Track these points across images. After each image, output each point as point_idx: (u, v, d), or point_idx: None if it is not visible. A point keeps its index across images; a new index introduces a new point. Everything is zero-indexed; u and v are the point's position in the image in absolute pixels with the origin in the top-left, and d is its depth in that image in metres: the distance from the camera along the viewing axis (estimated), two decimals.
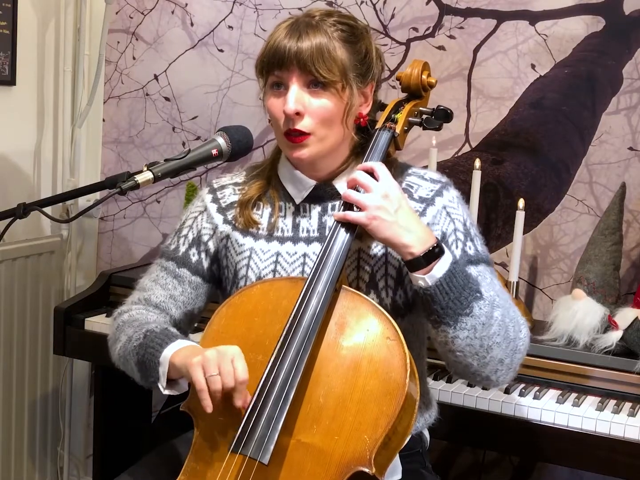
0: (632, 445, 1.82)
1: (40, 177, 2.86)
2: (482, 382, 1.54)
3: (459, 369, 1.52)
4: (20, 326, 2.73)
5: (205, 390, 1.34)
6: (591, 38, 2.28)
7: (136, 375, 1.56)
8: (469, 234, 1.59)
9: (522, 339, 1.52)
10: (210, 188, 1.69)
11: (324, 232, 1.58)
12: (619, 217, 2.12)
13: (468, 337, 1.44)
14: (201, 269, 1.66)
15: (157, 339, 1.50)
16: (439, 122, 1.61)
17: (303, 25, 1.51)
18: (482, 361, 1.47)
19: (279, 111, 1.52)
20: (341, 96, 1.51)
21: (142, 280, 1.71)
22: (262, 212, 1.63)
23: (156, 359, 1.48)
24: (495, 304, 1.47)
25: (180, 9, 2.78)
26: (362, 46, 1.55)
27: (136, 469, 1.66)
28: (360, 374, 1.37)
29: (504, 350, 1.48)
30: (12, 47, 2.65)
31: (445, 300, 1.42)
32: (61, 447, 2.97)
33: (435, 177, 1.63)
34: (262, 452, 1.33)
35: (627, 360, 1.96)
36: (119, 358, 1.60)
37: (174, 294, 1.65)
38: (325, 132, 1.52)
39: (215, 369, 1.34)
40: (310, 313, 1.40)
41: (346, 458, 1.33)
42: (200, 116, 2.78)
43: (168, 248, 1.69)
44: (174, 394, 1.51)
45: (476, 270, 1.53)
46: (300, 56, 1.48)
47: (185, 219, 1.69)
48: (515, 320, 1.50)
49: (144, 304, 1.65)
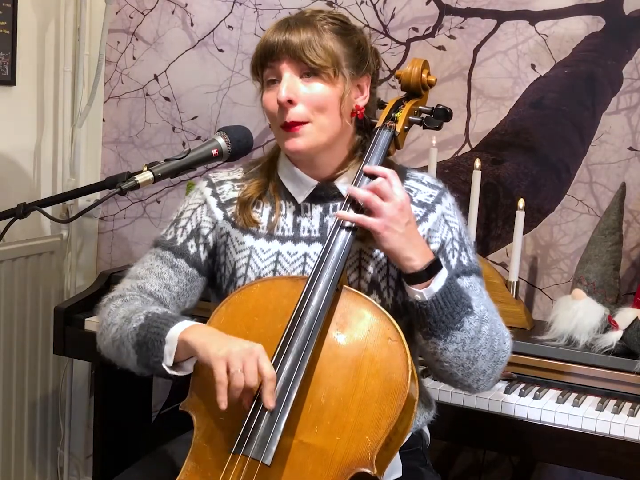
0: (632, 445, 1.82)
1: (40, 177, 2.85)
2: (463, 389, 1.58)
3: (443, 376, 1.56)
4: (20, 326, 2.73)
5: (225, 385, 1.32)
6: (591, 38, 2.28)
7: (131, 359, 1.50)
8: (463, 243, 1.61)
9: (505, 351, 1.55)
10: (208, 182, 1.68)
11: (325, 232, 1.58)
12: (619, 217, 2.12)
13: (456, 350, 1.47)
14: (198, 261, 1.63)
15: (160, 319, 1.47)
16: (439, 121, 1.60)
17: (293, 20, 1.53)
18: (467, 372, 1.50)
19: (273, 104, 1.52)
20: (334, 84, 1.51)
21: (133, 268, 1.67)
22: (262, 211, 1.62)
23: (161, 337, 1.43)
24: (485, 318, 1.50)
25: (180, 9, 2.78)
26: (353, 39, 1.55)
27: (136, 468, 1.66)
28: (362, 375, 1.37)
29: (487, 362, 1.51)
30: (12, 47, 2.65)
31: (439, 314, 1.45)
32: (61, 447, 2.96)
33: (433, 182, 1.64)
34: (264, 452, 1.32)
35: (627, 360, 1.96)
36: (112, 342, 1.54)
37: (169, 283, 1.61)
38: (320, 121, 1.51)
39: (240, 366, 1.32)
40: (311, 313, 1.39)
41: (348, 459, 1.33)
42: (200, 116, 2.78)
43: (164, 238, 1.65)
44: (179, 374, 1.45)
45: (468, 281, 1.56)
46: (289, 44, 1.49)
47: (182, 210, 1.67)
48: (500, 333, 1.53)
49: (138, 291, 1.61)
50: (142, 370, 1.51)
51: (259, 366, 1.32)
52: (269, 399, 1.33)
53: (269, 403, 1.33)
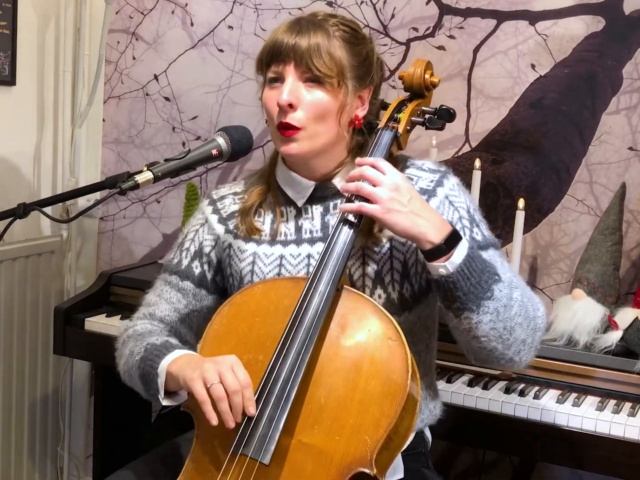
0: (632, 445, 1.82)
1: (40, 177, 2.86)
2: (506, 364, 1.53)
3: (482, 354, 1.51)
4: (20, 326, 2.73)
5: (208, 402, 1.33)
6: (591, 38, 2.28)
7: (141, 389, 1.55)
8: (474, 220, 1.58)
9: (541, 317, 1.52)
10: (210, 199, 1.70)
11: (327, 231, 1.58)
12: (619, 217, 2.12)
13: (491, 321, 1.44)
14: (205, 281, 1.66)
15: (155, 351, 1.50)
16: (442, 122, 1.60)
17: (305, 22, 1.52)
18: (506, 343, 1.47)
19: (273, 104, 1.52)
20: (336, 94, 1.51)
21: (147, 295, 1.71)
22: (263, 219, 1.63)
23: (154, 370, 1.47)
24: (513, 285, 1.48)
25: (180, 9, 2.78)
26: (362, 49, 1.55)
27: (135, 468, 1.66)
28: (362, 375, 1.37)
29: (525, 330, 1.48)
30: (12, 47, 2.65)
31: (467, 285, 1.41)
32: (61, 447, 2.97)
33: (434, 166, 1.62)
34: (263, 452, 1.33)
35: (627, 360, 1.96)
36: (124, 373, 1.60)
37: (178, 307, 1.65)
38: (316, 129, 1.51)
39: (216, 378, 1.34)
40: (312, 313, 1.39)
41: (347, 459, 1.33)
42: (200, 116, 2.78)
43: (171, 262, 1.69)
44: (174, 404, 1.48)
45: (487, 255, 1.52)
46: (297, 49, 1.48)
47: (187, 232, 1.70)
48: (532, 299, 1.51)
49: (149, 319, 1.65)
50: (150, 399, 1.54)
51: (233, 373, 1.34)
52: (248, 405, 1.34)
53: (250, 410, 1.34)
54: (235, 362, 1.36)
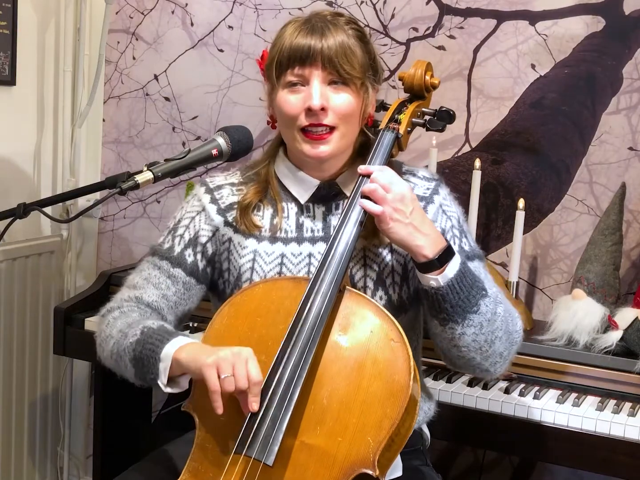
0: (632, 445, 1.82)
1: (40, 177, 2.85)
2: (481, 374, 1.58)
3: (459, 362, 1.56)
4: (20, 326, 2.73)
5: (219, 392, 1.33)
6: (591, 38, 2.28)
7: (129, 372, 1.51)
8: (463, 230, 1.62)
9: (518, 331, 1.57)
10: (206, 187, 1.66)
11: (328, 231, 1.58)
12: (619, 217, 2.12)
13: (474, 334, 1.48)
14: (196, 270, 1.63)
15: (156, 335, 1.47)
16: (442, 123, 1.61)
17: (319, 23, 1.52)
18: (485, 355, 1.51)
19: (295, 108, 1.51)
20: (359, 94, 1.53)
21: (131, 277, 1.66)
22: (263, 214, 1.62)
23: (156, 354, 1.44)
24: (498, 299, 1.52)
25: (180, 9, 2.78)
26: (370, 48, 1.57)
27: (136, 469, 1.65)
28: (364, 376, 1.37)
29: (503, 344, 1.52)
30: (12, 47, 2.65)
31: (456, 299, 1.45)
32: (61, 447, 2.96)
33: (428, 175, 1.65)
34: (266, 453, 1.33)
35: (627, 360, 1.96)
36: (110, 355, 1.55)
37: (166, 293, 1.61)
38: (346, 129, 1.53)
39: (230, 370, 1.33)
40: (314, 314, 1.39)
41: (350, 460, 1.33)
42: (200, 116, 2.78)
43: (161, 247, 1.64)
44: (174, 391, 1.47)
45: (472, 265, 1.55)
46: (325, 52, 1.48)
47: (180, 217, 1.66)
48: (512, 314, 1.55)
49: (135, 302, 1.61)
50: (140, 383, 1.52)
51: (247, 369, 1.33)
52: (252, 401, 1.34)
53: (253, 406, 1.34)
54: (250, 356, 1.35)
